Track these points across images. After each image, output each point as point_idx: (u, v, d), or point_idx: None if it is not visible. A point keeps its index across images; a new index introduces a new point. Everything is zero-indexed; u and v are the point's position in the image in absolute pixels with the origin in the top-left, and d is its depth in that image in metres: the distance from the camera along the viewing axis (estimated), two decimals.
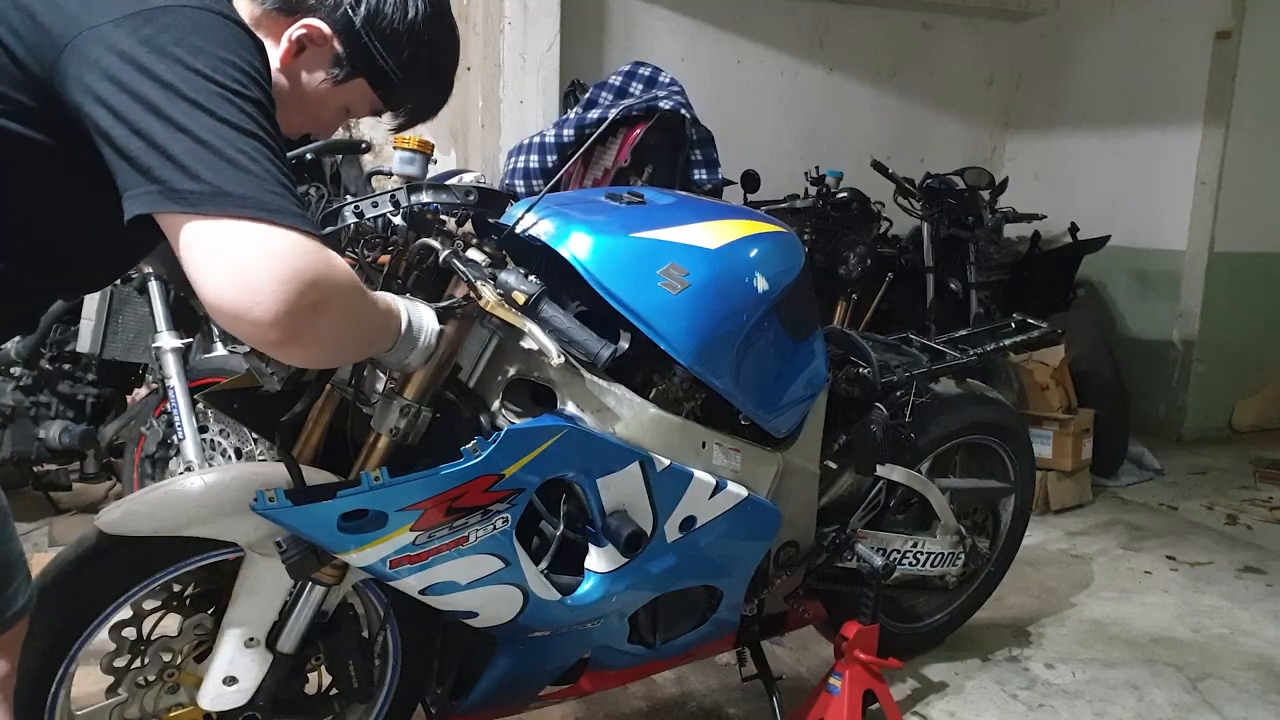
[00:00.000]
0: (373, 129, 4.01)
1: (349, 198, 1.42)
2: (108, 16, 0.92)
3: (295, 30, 1.15)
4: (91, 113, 0.91)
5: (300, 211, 0.93)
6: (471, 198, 1.41)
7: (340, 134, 3.83)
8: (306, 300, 0.92)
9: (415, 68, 1.23)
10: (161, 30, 0.92)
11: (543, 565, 1.54)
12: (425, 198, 1.39)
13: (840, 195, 3.96)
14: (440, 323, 1.29)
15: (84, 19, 0.92)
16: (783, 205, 4.01)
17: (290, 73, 1.17)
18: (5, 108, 0.95)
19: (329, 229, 1.40)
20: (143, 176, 0.90)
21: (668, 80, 3.42)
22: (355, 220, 1.40)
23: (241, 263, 0.89)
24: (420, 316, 1.25)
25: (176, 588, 1.48)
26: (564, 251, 1.51)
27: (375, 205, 1.40)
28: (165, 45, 0.91)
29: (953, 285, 4.05)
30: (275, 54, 1.15)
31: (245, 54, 0.97)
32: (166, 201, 0.89)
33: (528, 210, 1.55)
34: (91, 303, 2.75)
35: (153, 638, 1.46)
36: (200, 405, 2.53)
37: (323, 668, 1.58)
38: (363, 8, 1.16)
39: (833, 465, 2.05)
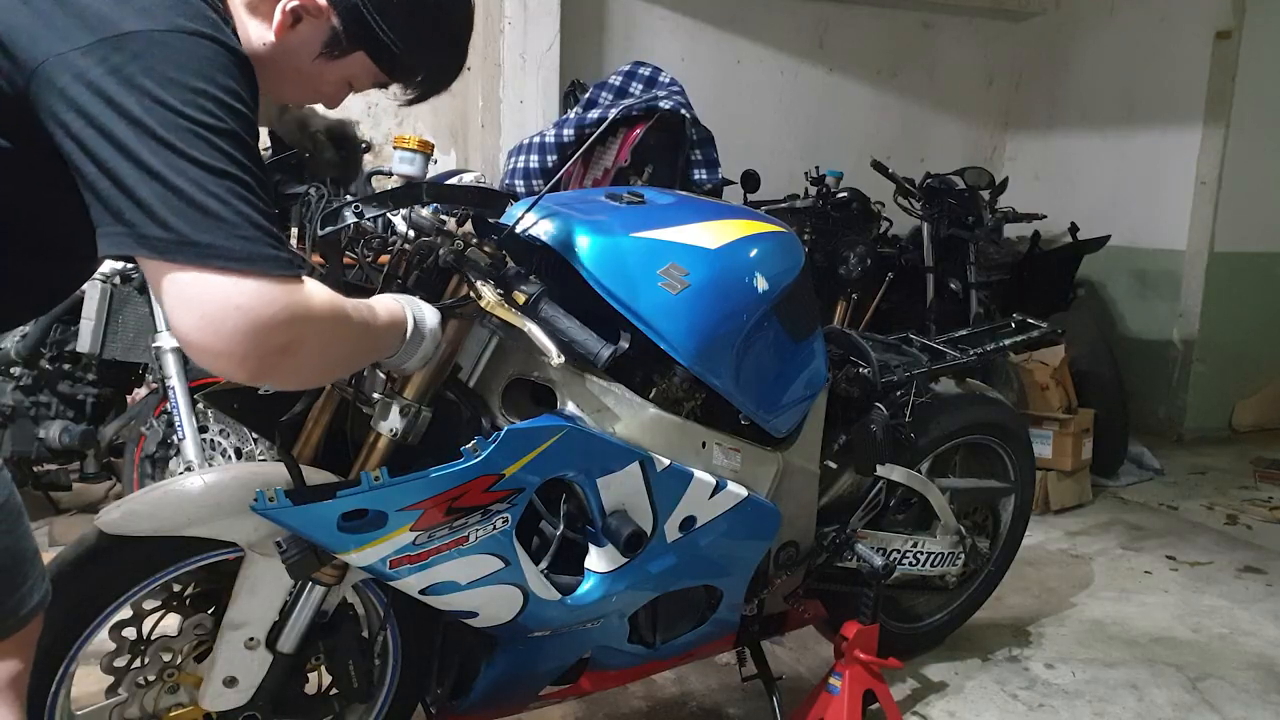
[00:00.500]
0: (373, 129, 4.01)
1: (349, 198, 1.42)
2: (75, 44, 0.89)
3: (289, 1, 1.10)
4: (62, 145, 0.90)
5: (272, 252, 0.92)
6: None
7: None
8: (274, 344, 0.93)
9: (418, 40, 1.17)
10: (130, 59, 0.89)
11: (543, 565, 1.54)
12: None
13: (840, 195, 3.96)
14: (440, 323, 1.29)
15: (50, 45, 0.89)
16: (783, 205, 4.00)
17: (286, 46, 1.12)
18: None
19: (329, 229, 1.40)
20: (113, 216, 0.89)
21: (668, 80, 3.42)
22: (355, 220, 1.40)
23: (207, 312, 0.90)
24: (425, 318, 1.25)
25: (176, 588, 1.49)
26: (564, 251, 1.51)
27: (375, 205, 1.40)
28: (134, 76, 0.88)
29: (953, 285, 4.05)
30: (269, 27, 1.10)
31: (220, 78, 0.93)
32: (136, 246, 0.89)
33: (528, 210, 1.55)
34: (91, 303, 2.75)
35: (153, 638, 1.46)
36: (200, 405, 2.53)
37: (323, 668, 1.58)
38: None
39: (833, 465, 2.05)
